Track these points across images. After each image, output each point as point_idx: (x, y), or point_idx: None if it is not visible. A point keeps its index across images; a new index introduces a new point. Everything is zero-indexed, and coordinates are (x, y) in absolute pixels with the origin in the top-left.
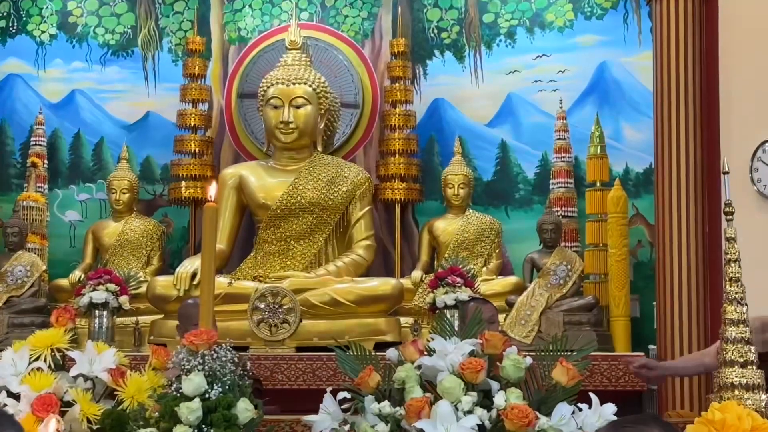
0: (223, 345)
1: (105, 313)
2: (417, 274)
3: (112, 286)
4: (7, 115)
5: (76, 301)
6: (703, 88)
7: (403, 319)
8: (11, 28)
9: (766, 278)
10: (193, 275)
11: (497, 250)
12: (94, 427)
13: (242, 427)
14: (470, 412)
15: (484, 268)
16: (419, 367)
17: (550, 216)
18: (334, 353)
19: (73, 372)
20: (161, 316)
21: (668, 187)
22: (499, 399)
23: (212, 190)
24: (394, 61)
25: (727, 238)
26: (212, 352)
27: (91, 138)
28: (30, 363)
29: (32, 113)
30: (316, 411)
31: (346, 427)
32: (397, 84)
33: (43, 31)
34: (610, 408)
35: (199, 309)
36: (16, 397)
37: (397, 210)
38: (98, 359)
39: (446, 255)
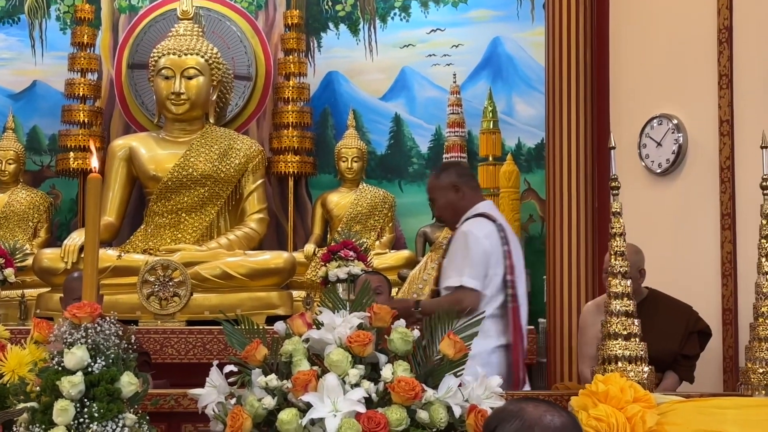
0: (108, 318)
1: None
2: (310, 247)
3: None
4: None
5: None
6: (594, 64)
7: (295, 293)
8: None
9: (652, 252)
10: (81, 248)
11: (390, 224)
12: None
13: (126, 400)
14: (357, 384)
15: (377, 242)
16: (307, 340)
17: None
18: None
19: None
20: (48, 289)
21: (559, 162)
22: (386, 372)
23: (94, 160)
24: (287, 33)
25: (612, 213)
26: (96, 325)
27: None
28: None
29: None
30: (201, 384)
31: (233, 401)
32: (290, 56)
33: None
34: (496, 380)
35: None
36: None
37: (291, 183)
38: None
39: (339, 229)
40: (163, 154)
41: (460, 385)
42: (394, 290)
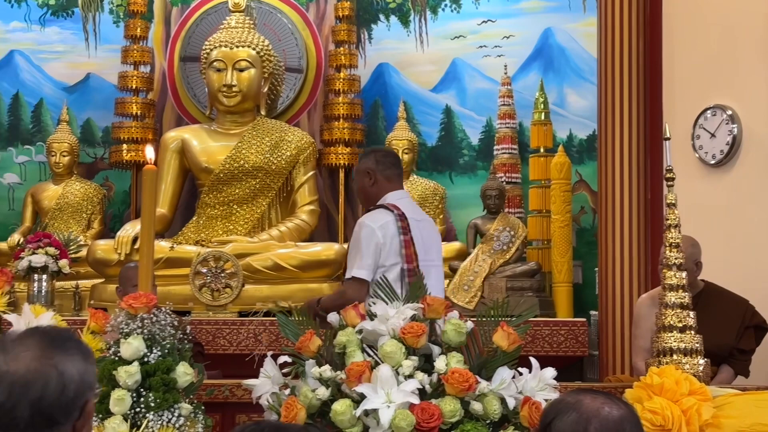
0: (163, 308)
1: (44, 276)
2: None
3: (51, 250)
4: None
5: (15, 265)
6: (647, 55)
7: None
8: None
9: (706, 244)
10: (134, 239)
11: (441, 216)
12: None
13: (181, 390)
14: (411, 376)
15: None
16: (360, 331)
17: (494, 182)
18: (276, 318)
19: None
20: (102, 280)
21: (611, 153)
22: (439, 363)
23: (150, 152)
24: (338, 25)
25: (667, 204)
26: (151, 315)
27: (30, 99)
28: None
29: None
30: (255, 375)
31: (287, 391)
32: (341, 48)
33: None
34: (550, 372)
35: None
36: None
37: (341, 175)
38: (35, 323)
39: None
40: (215, 146)
41: (513, 377)
42: (445, 282)
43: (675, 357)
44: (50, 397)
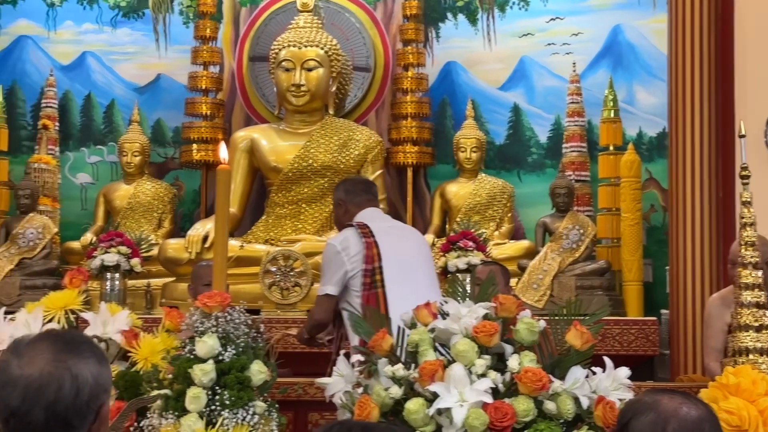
0: (237, 307)
1: (116, 275)
2: (429, 238)
3: (123, 249)
4: (18, 77)
5: (88, 264)
6: (719, 51)
7: None
8: None
9: None
10: (205, 238)
11: (509, 214)
12: None
13: (255, 389)
14: (484, 375)
15: (496, 232)
16: (432, 330)
17: (563, 180)
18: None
19: (87, 333)
20: (173, 278)
21: (682, 151)
22: (512, 362)
23: (223, 152)
24: (406, 24)
25: (743, 202)
26: (226, 314)
27: (102, 100)
28: (44, 324)
29: (43, 75)
30: (327, 374)
31: (359, 390)
32: (409, 47)
33: None
34: (624, 371)
35: (211, 270)
36: None
37: (409, 174)
38: (112, 321)
39: (458, 219)
40: (284, 146)
41: (587, 376)
42: (513, 281)
43: (751, 357)
44: (65, 401)
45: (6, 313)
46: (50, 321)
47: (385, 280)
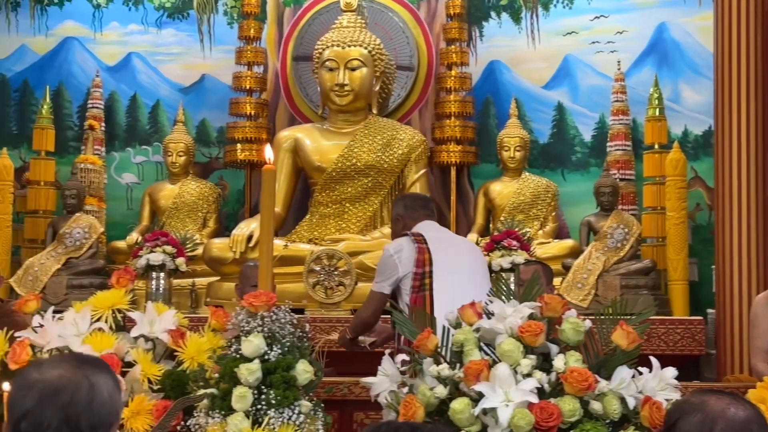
0: (282, 307)
1: (162, 274)
2: (473, 237)
3: (169, 248)
4: (64, 78)
5: (134, 263)
6: (765, 47)
7: None
8: None
9: None
10: (249, 237)
11: (553, 213)
12: (155, 387)
13: (301, 388)
14: (529, 375)
15: (540, 231)
16: (477, 329)
17: (608, 179)
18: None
19: (134, 333)
20: (218, 278)
21: (728, 149)
22: (558, 362)
23: (268, 152)
24: (450, 23)
25: None
26: (271, 313)
27: (147, 100)
28: (91, 323)
29: (89, 76)
30: (372, 373)
31: (405, 389)
32: (452, 46)
33: None
34: (671, 372)
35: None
36: None
37: (453, 173)
38: (158, 320)
39: (502, 218)
40: (328, 145)
41: (633, 376)
42: (557, 280)
43: None
44: (79, 405)
45: (53, 312)
46: (98, 320)
47: (434, 284)
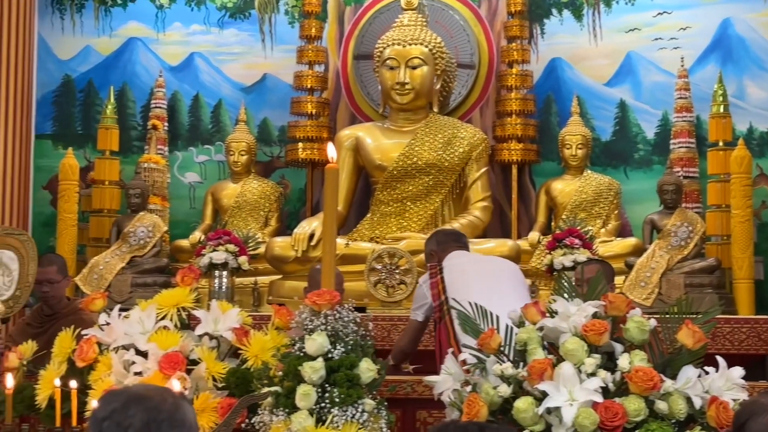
0: (345, 305)
1: (224, 273)
2: (534, 235)
3: (231, 247)
4: (128, 78)
5: (197, 262)
6: None
7: None
8: None
9: None
10: (311, 236)
11: (616, 212)
12: (219, 385)
13: (365, 386)
14: (593, 374)
15: (603, 230)
16: (541, 328)
17: (671, 176)
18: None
19: (199, 331)
20: (279, 276)
21: None
22: (623, 361)
23: (331, 151)
24: (510, 21)
25: None
26: (335, 312)
27: (209, 100)
28: (157, 322)
29: (152, 76)
30: (434, 372)
31: (468, 388)
32: (513, 44)
33: None
34: (738, 371)
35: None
36: (144, 354)
37: (514, 171)
38: (222, 318)
39: (564, 216)
40: (389, 144)
41: (699, 376)
42: (620, 278)
43: None
44: (165, 411)
45: (119, 310)
46: (163, 318)
47: (451, 313)
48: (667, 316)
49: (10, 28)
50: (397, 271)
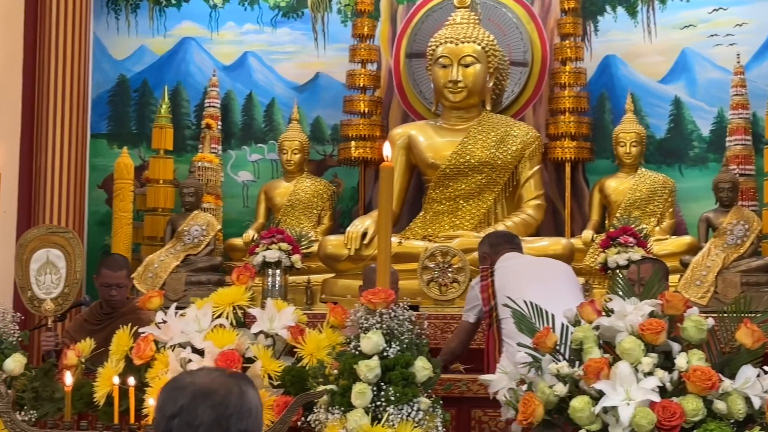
0: (401, 304)
1: (278, 271)
2: (588, 233)
3: (284, 245)
4: (182, 78)
5: (250, 260)
6: None
7: None
8: None
9: None
10: (364, 235)
11: (670, 210)
12: (275, 383)
13: (420, 385)
14: (650, 373)
15: (657, 228)
16: (597, 327)
17: (727, 174)
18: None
19: (254, 329)
20: (332, 274)
21: None
22: (680, 361)
23: (387, 149)
24: (564, 18)
25: None
26: (390, 310)
27: (262, 99)
28: (213, 320)
29: (206, 75)
30: (484, 371)
31: (524, 387)
32: (567, 41)
33: None
34: None
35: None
36: (200, 352)
37: (567, 169)
38: (278, 317)
39: (618, 214)
40: (441, 142)
41: (758, 376)
42: (675, 277)
43: None
44: (230, 407)
45: (175, 308)
46: (219, 316)
47: (500, 315)
48: (725, 315)
49: (67, 29)
50: (449, 269)
